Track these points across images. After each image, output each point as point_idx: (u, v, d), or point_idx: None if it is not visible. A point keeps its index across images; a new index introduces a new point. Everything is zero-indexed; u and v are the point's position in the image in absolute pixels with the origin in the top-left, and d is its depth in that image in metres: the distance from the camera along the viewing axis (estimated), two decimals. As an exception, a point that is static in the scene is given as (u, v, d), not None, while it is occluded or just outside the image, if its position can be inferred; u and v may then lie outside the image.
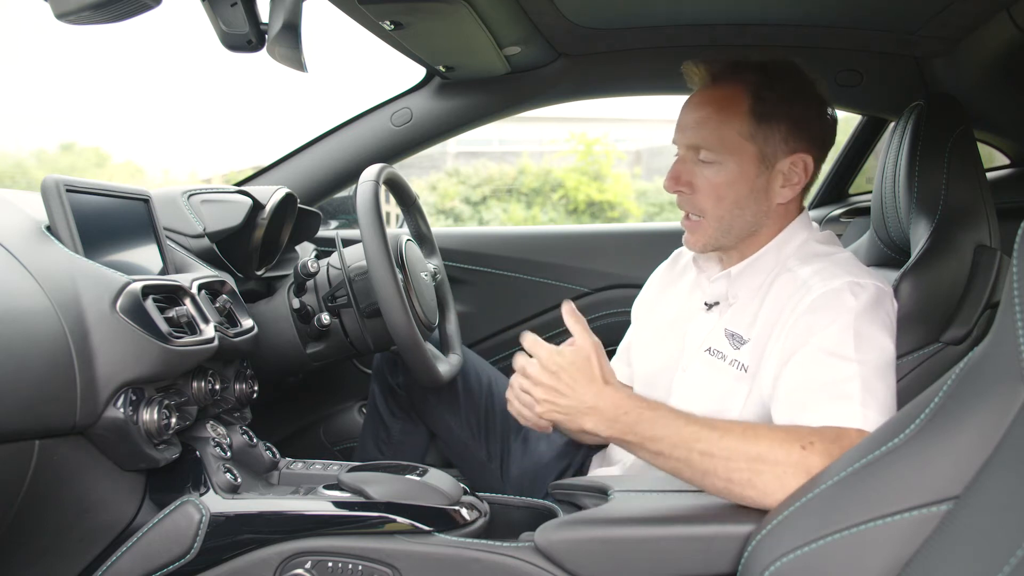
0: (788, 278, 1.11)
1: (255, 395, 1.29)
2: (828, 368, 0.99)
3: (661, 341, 1.29)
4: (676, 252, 1.41)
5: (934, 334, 1.08)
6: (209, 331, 1.10)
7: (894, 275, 1.13)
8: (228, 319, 1.23)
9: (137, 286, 1.00)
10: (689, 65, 1.16)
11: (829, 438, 0.92)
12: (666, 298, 1.34)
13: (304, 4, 0.98)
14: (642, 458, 0.98)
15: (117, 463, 1.01)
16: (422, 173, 7.96)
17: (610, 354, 1.79)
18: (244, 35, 0.99)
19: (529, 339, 1.02)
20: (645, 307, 1.40)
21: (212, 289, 1.23)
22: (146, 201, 1.22)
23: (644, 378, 1.32)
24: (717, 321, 1.18)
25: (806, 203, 1.24)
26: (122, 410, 0.96)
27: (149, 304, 1.01)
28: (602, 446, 1.40)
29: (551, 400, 0.99)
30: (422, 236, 1.69)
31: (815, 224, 1.22)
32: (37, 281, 0.93)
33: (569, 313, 1.04)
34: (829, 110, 1.17)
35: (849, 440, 0.92)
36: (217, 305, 1.21)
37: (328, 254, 1.54)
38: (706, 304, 1.21)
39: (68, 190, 1.04)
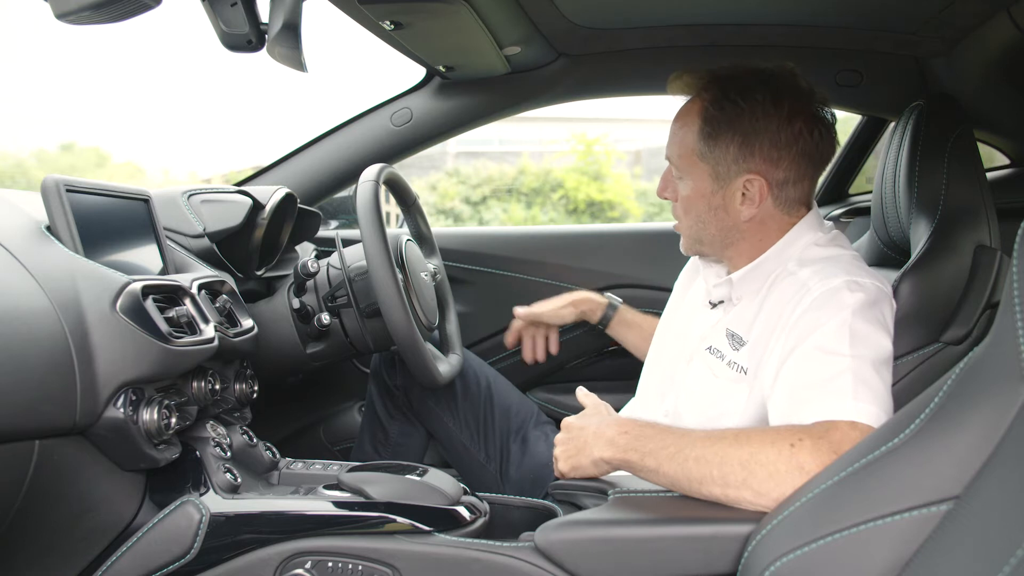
0: (789, 281, 1.11)
1: (255, 395, 1.29)
2: (821, 365, 1.00)
3: (668, 342, 1.32)
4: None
5: (934, 334, 1.08)
6: (209, 331, 1.10)
7: (894, 275, 1.13)
8: (228, 319, 1.23)
9: (137, 286, 1.00)
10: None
11: (817, 433, 0.93)
12: (684, 301, 1.36)
13: (304, 4, 0.98)
14: (645, 477, 1.01)
15: (117, 463, 1.01)
16: (422, 173, 7.97)
17: (608, 354, 1.80)
18: (244, 35, 1.00)
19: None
20: (669, 309, 1.42)
21: (212, 289, 1.23)
22: (146, 201, 1.22)
23: (652, 376, 1.33)
24: (720, 319, 1.19)
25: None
26: (122, 410, 0.96)
27: (149, 304, 1.01)
28: None
29: (566, 447, 1.10)
30: (422, 236, 1.69)
31: (827, 223, 1.21)
32: (37, 281, 0.93)
33: (583, 396, 1.21)
34: (805, 126, 1.12)
35: (840, 433, 0.92)
36: (217, 305, 1.21)
37: (328, 254, 1.54)
38: (710, 303, 1.22)
39: (68, 190, 1.04)
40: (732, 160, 1.12)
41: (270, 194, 1.46)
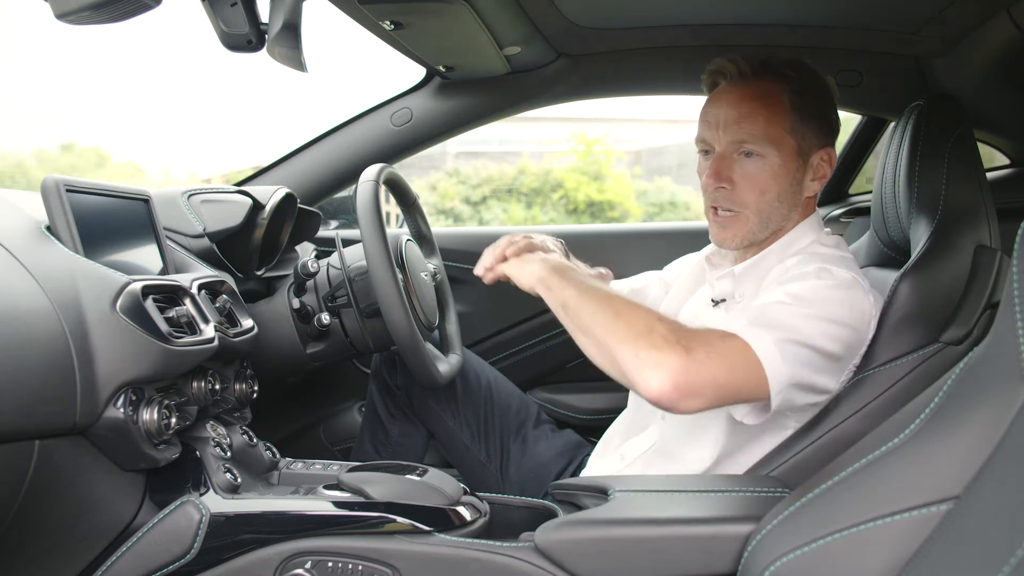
0: (777, 267, 1.15)
1: (255, 395, 1.29)
2: (757, 306, 1.04)
3: None
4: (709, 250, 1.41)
5: (934, 334, 1.08)
6: (209, 331, 1.10)
7: (894, 275, 1.14)
8: (228, 319, 1.23)
9: (137, 286, 1.00)
10: (723, 61, 1.18)
11: (704, 339, 0.97)
12: (687, 306, 1.36)
13: (304, 4, 0.98)
14: (553, 300, 1.10)
15: (117, 463, 1.01)
16: (422, 173, 7.96)
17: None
18: (244, 35, 1.00)
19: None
20: (675, 298, 1.41)
21: (212, 289, 1.23)
22: (146, 201, 1.22)
23: None
24: (723, 318, 1.19)
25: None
26: (122, 410, 0.96)
27: (149, 304, 1.01)
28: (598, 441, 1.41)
29: (516, 252, 1.24)
30: (422, 236, 1.69)
31: (827, 230, 1.24)
32: (37, 281, 0.93)
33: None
34: None
35: (733, 346, 0.96)
36: (217, 305, 1.21)
37: (328, 254, 1.54)
38: (713, 301, 1.22)
39: (68, 190, 1.04)
40: (814, 135, 1.16)
41: (270, 194, 1.46)
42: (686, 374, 0.92)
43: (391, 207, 1.83)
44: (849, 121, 2.05)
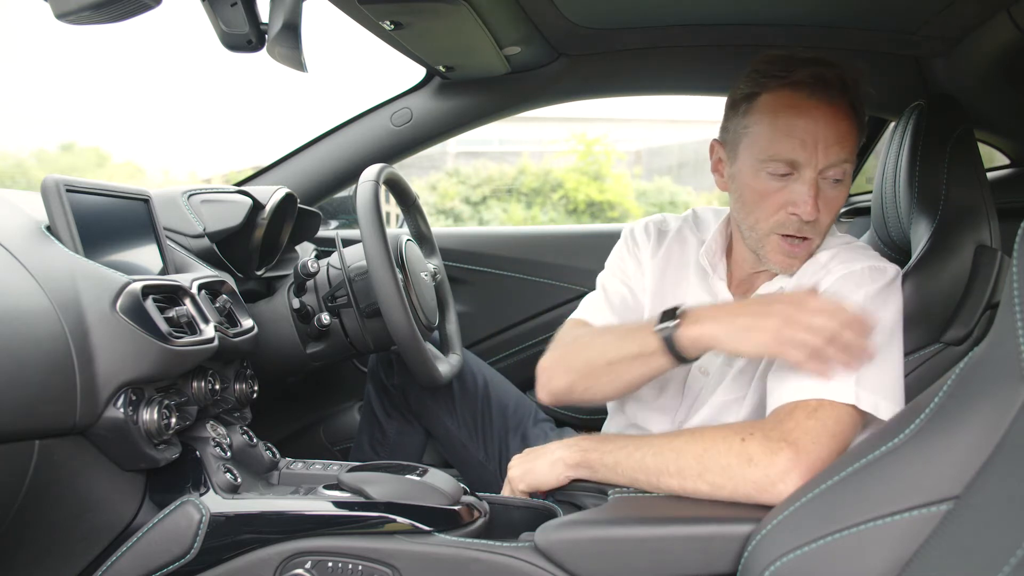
0: (808, 262, 1.12)
1: (255, 395, 1.29)
2: None
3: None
4: (656, 229, 1.36)
5: (934, 334, 1.08)
6: (209, 331, 1.10)
7: (894, 275, 1.14)
8: (228, 319, 1.23)
9: (137, 286, 1.00)
10: (824, 70, 1.03)
11: (769, 426, 0.96)
12: (676, 293, 1.29)
13: (304, 4, 0.98)
14: (604, 476, 1.05)
15: (117, 463, 1.01)
16: (422, 173, 7.97)
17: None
18: (244, 35, 1.00)
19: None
20: (650, 292, 1.34)
21: (212, 289, 1.23)
22: (146, 201, 1.22)
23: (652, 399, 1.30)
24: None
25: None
26: (122, 410, 0.96)
27: (149, 304, 1.01)
28: None
29: (523, 457, 1.15)
30: (422, 236, 1.69)
31: None
32: (37, 281, 0.93)
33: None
34: None
35: (793, 422, 0.94)
36: (217, 305, 1.21)
37: (328, 254, 1.54)
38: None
39: (68, 190, 1.04)
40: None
41: (270, 194, 1.46)
42: (809, 465, 0.91)
43: (391, 207, 1.83)
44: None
